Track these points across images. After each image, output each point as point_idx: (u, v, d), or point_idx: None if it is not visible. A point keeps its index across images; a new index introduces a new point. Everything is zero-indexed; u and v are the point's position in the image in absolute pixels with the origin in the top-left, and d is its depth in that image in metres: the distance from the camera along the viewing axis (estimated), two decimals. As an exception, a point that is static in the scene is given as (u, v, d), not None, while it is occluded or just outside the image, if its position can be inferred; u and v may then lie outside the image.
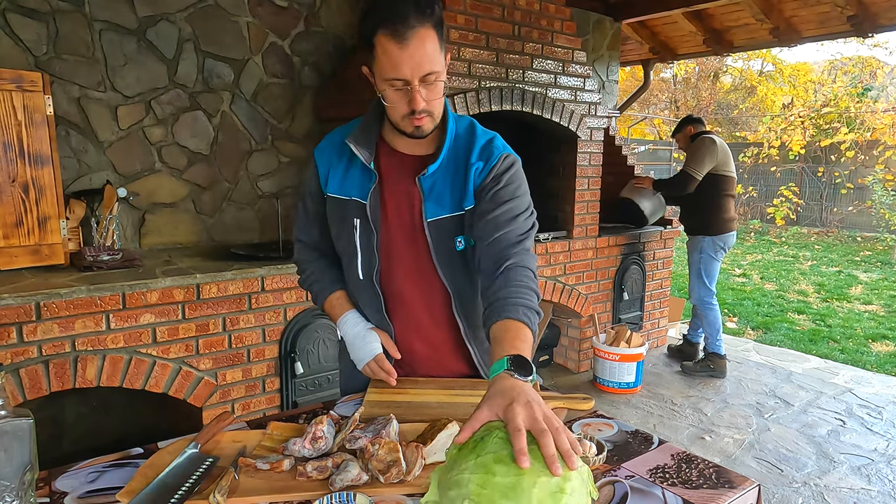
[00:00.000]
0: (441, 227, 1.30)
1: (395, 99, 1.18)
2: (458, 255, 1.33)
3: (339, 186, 1.34)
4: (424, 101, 1.17)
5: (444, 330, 1.41)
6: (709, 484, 1.03)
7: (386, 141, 1.34)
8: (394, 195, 1.33)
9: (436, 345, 1.42)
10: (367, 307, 1.39)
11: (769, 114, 14.02)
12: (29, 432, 0.86)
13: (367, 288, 1.36)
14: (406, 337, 1.41)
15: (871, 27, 4.66)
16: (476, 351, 1.43)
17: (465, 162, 1.29)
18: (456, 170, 1.30)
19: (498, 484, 0.76)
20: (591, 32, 5.02)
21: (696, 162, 3.88)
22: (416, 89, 1.15)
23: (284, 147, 3.46)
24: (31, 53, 2.67)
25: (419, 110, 1.17)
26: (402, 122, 1.22)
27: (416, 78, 1.15)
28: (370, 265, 1.34)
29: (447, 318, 1.39)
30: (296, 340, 2.76)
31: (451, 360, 1.44)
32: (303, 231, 1.47)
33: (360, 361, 1.38)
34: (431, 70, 1.15)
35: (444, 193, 1.29)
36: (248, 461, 1.04)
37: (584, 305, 4.04)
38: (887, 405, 3.66)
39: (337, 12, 3.53)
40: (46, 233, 2.39)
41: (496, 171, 1.28)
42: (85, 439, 2.87)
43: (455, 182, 1.30)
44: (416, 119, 1.19)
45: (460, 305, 1.37)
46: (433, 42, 1.15)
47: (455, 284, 1.35)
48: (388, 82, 1.16)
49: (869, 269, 8.22)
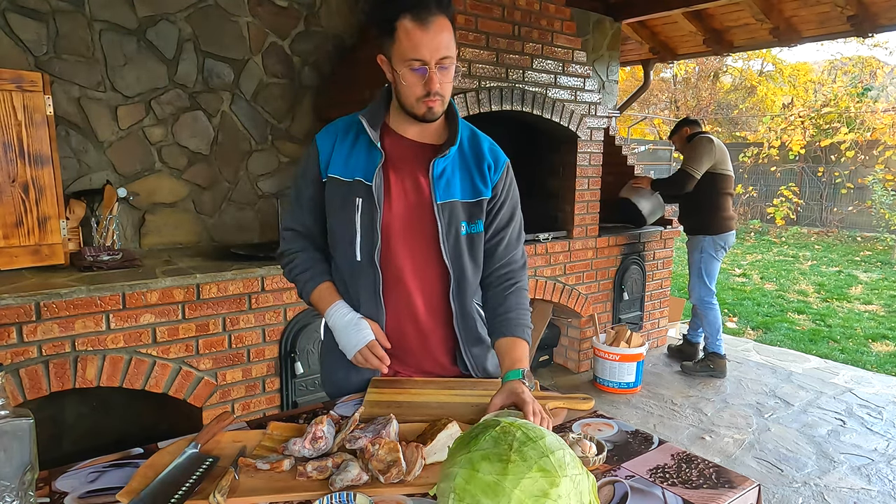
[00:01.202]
0: (450, 211, 1.36)
1: (412, 80, 1.26)
2: (463, 239, 1.39)
3: (342, 168, 1.37)
4: (439, 84, 1.26)
5: (436, 314, 1.43)
6: (709, 484, 1.03)
7: (392, 128, 1.40)
8: (399, 177, 1.37)
9: (426, 330, 1.44)
10: (362, 289, 1.39)
11: (769, 114, 14.02)
12: (29, 432, 0.86)
13: (364, 268, 1.37)
14: (398, 320, 1.42)
15: (871, 27, 4.66)
16: (463, 338, 1.45)
17: (476, 155, 1.41)
18: (464, 161, 1.40)
19: (481, 481, 0.77)
20: (591, 32, 5.02)
21: (694, 161, 3.88)
22: (433, 71, 1.24)
23: (284, 147, 3.46)
24: (31, 53, 2.67)
25: (434, 91, 1.26)
26: (415, 105, 1.29)
27: (434, 60, 1.24)
28: (371, 244, 1.35)
29: (442, 302, 1.42)
30: (296, 340, 2.76)
31: (439, 348, 1.46)
32: (294, 219, 1.47)
33: (351, 349, 1.37)
34: (448, 54, 1.25)
35: (454, 180, 1.37)
36: (248, 461, 1.04)
37: (584, 305, 4.04)
38: (887, 405, 3.66)
39: (337, 12, 3.54)
40: (46, 233, 2.39)
41: (505, 180, 1.44)
42: (85, 439, 2.87)
43: (465, 171, 1.39)
44: (429, 101, 1.27)
45: (457, 289, 1.41)
46: (449, 32, 1.25)
47: (456, 267, 1.39)
48: (408, 63, 1.24)
49: (869, 269, 8.22)
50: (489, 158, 1.41)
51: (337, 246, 1.42)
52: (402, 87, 1.28)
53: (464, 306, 1.43)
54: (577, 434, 1.16)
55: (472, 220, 1.39)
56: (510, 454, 0.79)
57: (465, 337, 1.45)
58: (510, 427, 0.84)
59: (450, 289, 1.40)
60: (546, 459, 0.79)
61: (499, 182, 1.41)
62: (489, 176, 1.40)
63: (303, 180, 1.43)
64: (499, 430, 0.83)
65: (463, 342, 1.45)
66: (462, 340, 1.45)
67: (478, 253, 1.42)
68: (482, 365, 1.50)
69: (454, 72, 1.30)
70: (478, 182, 1.39)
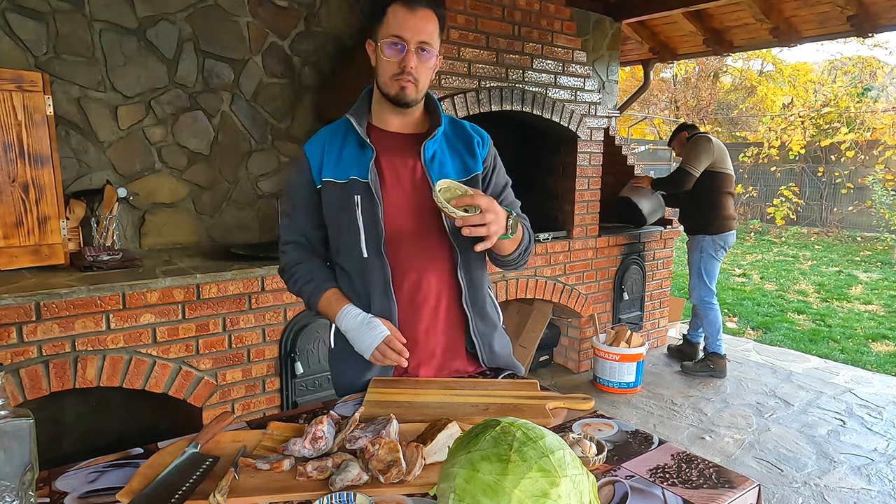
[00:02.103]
0: None
1: (389, 55, 1.32)
2: None
3: (334, 171, 1.39)
4: (414, 66, 1.32)
5: (446, 296, 1.46)
6: (709, 484, 1.03)
7: (375, 125, 1.44)
8: (392, 168, 1.41)
9: (437, 314, 1.46)
10: (373, 285, 1.40)
11: (769, 114, 14.02)
12: (29, 432, 0.86)
13: (373, 263, 1.39)
14: (409, 309, 1.43)
15: (871, 27, 4.65)
16: (472, 316, 1.48)
17: (461, 136, 1.48)
18: (451, 143, 1.45)
19: (481, 481, 0.77)
20: (591, 32, 5.02)
21: (692, 159, 3.89)
22: (410, 51, 1.31)
23: (284, 147, 3.46)
24: (31, 53, 2.67)
25: (408, 70, 1.31)
26: (389, 83, 1.34)
27: (414, 41, 1.31)
28: (377, 238, 1.37)
29: (450, 282, 1.45)
30: (296, 340, 2.76)
31: (450, 329, 1.48)
32: (291, 232, 1.49)
33: (368, 348, 1.37)
34: (428, 41, 1.32)
35: (446, 161, 1.43)
36: (248, 461, 1.04)
37: (584, 305, 4.04)
38: (887, 405, 3.66)
39: (337, 12, 3.54)
40: (46, 233, 2.39)
41: (491, 151, 1.51)
42: (85, 439, 2.87)
43: (454, 152, 1.45)
44: (402, 79, 1.32)
45: (464, 267, 1.44)
46: (434, 25, 1.33)
47: (461, 246, 1.42)
48: (389, 39, 1.31)
49: (869, 269, 8.22)
50: (475, 136, 1.48)
51: (341, 248, 1.43)
52: (380, 65, 1.35)
53: (472, 281, 1.47)
54: (578, 434, 1.16)
55: None
56: (510, 454, 0.79)
57: (474, 312, 1.48)
58: (510, 427, 0.84)
59: (457, 266, 1.44)
60: (546, 459, 0.79)
61: (487, 154, 1.49)
62: (479, 151, 1.47)
63: (296, 190, 1.45)
64: (499, 430, 0.83)
65: (472, 317, 1.48)
66: (471, 315, 1.48)
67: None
68: (489, 343, 1.52)
69: (433, 65, 1.36)
70: (468, 159, 1.45)
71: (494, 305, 1.57)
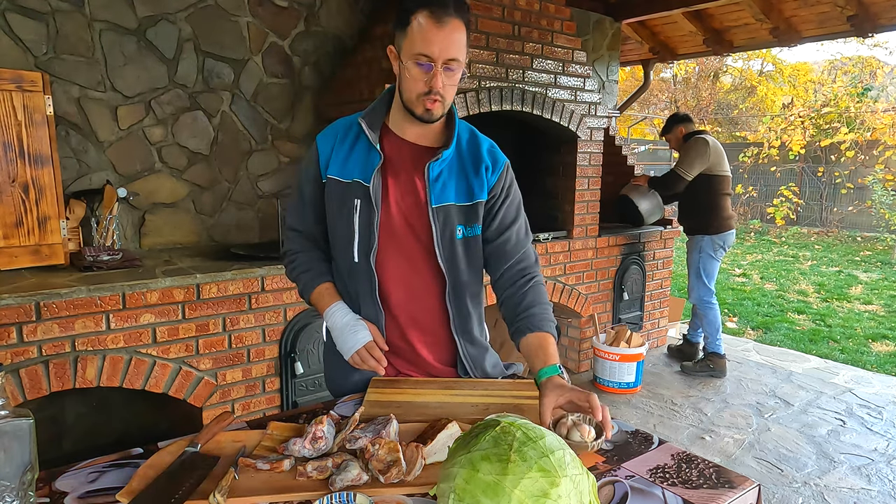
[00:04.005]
0: (445, 215, 1.35)
1: (416, 74, 1.25)
2: (458, 242, 1.38)
3: (340, 169, 1.37)
4: (442, 84, 1.25)
5: (434, 316, 1.43)
6: (709, 484, 1.03)
7: (391, 129, 1.39)
8: (397, 179, 1.36)
9: (425, 332, 1.44)
10: (360, 290, 1.40)
11: (769, 114, 14.01)
12: (29, 432, 0.86)
13: (362, 269, 1.37)
14: (397, 322, 1.42)
15: (871, 27, 4.65)
16: (461, 342, 1.45)
17: (474, 158, 1.39)
18: (461, 164, 1.38)
19: (481, 481, 0.77)
20: (591, 32, 5.02)
21: (686, 163, 3.91)
22: (438, 70, 1.24)
23: (284, 147, 3.46)
24: (31, 53, 2.67)
25: (435, 90, 1.25)
26: (415, 102, 1.28)
27: (442, 59, 1.23)
28: (368, 245, 1.35)
29: (439, 304, 1.42)
30: (296, 340, 2.76)
31: (438, 349, 1.46)
32: (296, 219, 1.48)
33: (348, 350, 1.37)
34: (456, 57, 1.25)
35: (450, 183, 1.36)
36: (248, 461, 1.04)
37: (584, 305, 4.04)
38: (887, 405, 3.66)
39: (337, 12, 3.53)
40: (46, 233, 2.39)
41: (504, 180, 1.41)
42: (85, 439, 2.87)
43: (461, 174, 1.37)
44: (429, 100, 1.26)
45: (453, 293, 1.41)
46: (462, 36, 1.26)
47: (452, 271, 1.39)
48: (415, 57, 1.24)
49: (869, 269, 8.21)
50: (487, 160, 1.39)
51: (336, 246, 1.43)
52: (405, 81, 1.28)
53: (460, 308, 1.43)
54: (577, 416, 1.15)
55: (469, 223, 1.38)
56: (510, 454, 0.79)
57: (463, 339, 1.45)
58: (510, 427, 0.84)
59: (446, 292, 1.40)
60: (546, 459, 0.79)
61: (497, 183, 1.40)
62: (486, 177, 1.38)
63: (304, 180, 1.43)
64: (499, 430, 0.83)
65: (461, 344, 1.45)
66: (460, 342, 1.45)
67: (475, 256, 1.42)
68: (480, 366, 1.50)
69: (460, 77, 1.29)
70: (474, 185, 1.37)
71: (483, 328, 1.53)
